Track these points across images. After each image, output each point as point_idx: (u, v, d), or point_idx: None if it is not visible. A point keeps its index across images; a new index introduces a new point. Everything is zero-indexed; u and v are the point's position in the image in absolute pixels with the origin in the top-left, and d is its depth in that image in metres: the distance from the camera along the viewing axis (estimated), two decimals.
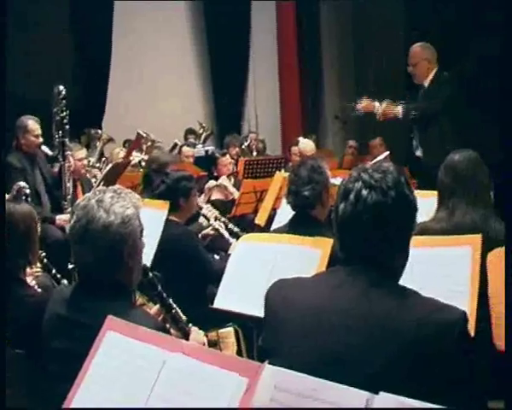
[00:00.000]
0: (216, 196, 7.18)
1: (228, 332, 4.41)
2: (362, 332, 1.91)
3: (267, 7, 12.01)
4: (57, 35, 11.53)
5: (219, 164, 7.46)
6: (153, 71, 11.91)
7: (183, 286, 3.93)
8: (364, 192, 2.01)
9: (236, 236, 5.35)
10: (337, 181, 4.38)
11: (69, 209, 6.15)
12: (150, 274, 2.81)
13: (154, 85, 11.89)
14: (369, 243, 2.02)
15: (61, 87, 6.18)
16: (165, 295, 2.87)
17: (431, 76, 6.46)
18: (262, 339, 2.15)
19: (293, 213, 4.03)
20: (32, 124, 6.39)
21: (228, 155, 7.62)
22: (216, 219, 5.51)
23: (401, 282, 2.08)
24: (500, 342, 2.77)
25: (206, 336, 3.24)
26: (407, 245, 2.10)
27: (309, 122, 12.21)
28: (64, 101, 6.16)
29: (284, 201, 4.88)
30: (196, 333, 2.85)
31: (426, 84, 6.48)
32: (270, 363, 1.73)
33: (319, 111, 12.42)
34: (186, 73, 12.24)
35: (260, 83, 12.20)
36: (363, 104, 6.55)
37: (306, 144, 8.16)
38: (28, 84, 10.87)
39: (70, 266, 5.66)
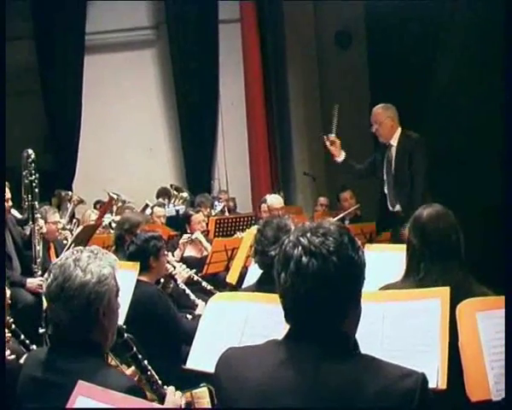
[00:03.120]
0: (189, 252, 7.18)
1: (202, 392, 4.35)
2: None
3: (235, 67, 12.14)
4: (29, 102, 11.66)
5: (192, 221, 7.47)
6: (123, 132, 12.01)
7: (156, 347, 3.92)
8: (304, 260, 1.89)
9: (209, 294, 5.35)
10: None
11: (39, 273, 6.12)
12: (125, 335, 2.80)
13: (124, 146, 11.97)
14: (315, 314, 1.91)
15: (30, 151, 6.19)
16: (140, 356, 2.86)
17: (397, 135, 6.56)
18: None
19: (261, 271, 4.04)
20: None
21: (201, 213, 7.62)
22: (189, 278, 5.53)
23: (372, 336, 2.01)
24: (472, 393, 2.77)
25: (191, 395, 3.22)
26: (356, 306, 2.00)
27: (278, 179, 12.27)
28: (33, 164, 6.16)
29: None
30: (172, 394, 2.83)
31: (394, 143, 6.57)
32: None
33: (288, 167, 12.50)
34: (156, 132, 12.32)
35: (229, 141, 12.28)
36: (332, 146, 6.66)
37: (274, 199, 8.19)
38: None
39: (41, 331, 5.64)
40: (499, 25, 4.72)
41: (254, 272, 4.63)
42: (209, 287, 5.75)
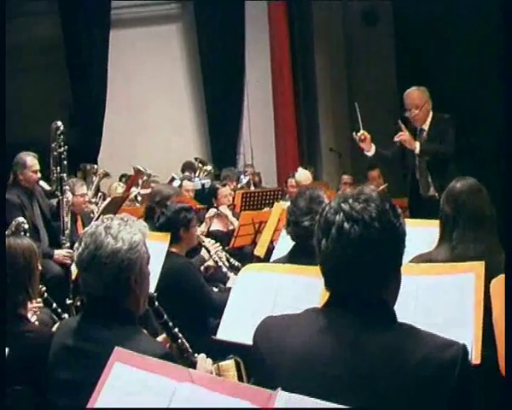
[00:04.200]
0: (216, 226, 7.18)
1: (228, 365, 4.36)
2: (353, 380, 1.80)
3: (261, 43, 12.08)
4: (54, 77, 11.71)
5: (219, 194, 7.47)
6: (148, 107, 12.00)
7: (184, 318, 3.91)
8: (346, 226, 1.86)
9: (236, 269, 5.34)
10: None
11: (67, 244, 6.16)
12: (156, 303, 2.80)
13: (150, 120, 11.97)
14: (356, 281, 1.88)
15: (59, 123, 6.19)
16: (170, 324, 2.86)
17: (429, 119, 6.42)
18: (252, 383, 2.06)
19: (293, 243, 4.01)
20: (31, 160, 6.43)
21: (227, 186, 7.62)
22: (216, 252, 5.50)
23: (405, 310, 1.98)
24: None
25: (218, 367, 3.22)
26: (397, 275, 1.97)
27: (304, 155, 12.23)
28: (62, 136, 6.17)
29: (283, 232, 4.89)
30: (203, 361, 2.83)
31: (425, 127, 6.43)
32: None
33: (314, 143, 12.45)
34: (181, 107, 12.31)
35: (255, 116, 12.25)
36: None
37: (302, 175, 8.16)
38: (27, 123, 11.00)
39: (68, 302, 5.68)
40: None
41: (283, 245, 4.63)
42: (236, 263, 5.72)
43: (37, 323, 3.74)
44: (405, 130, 6.38)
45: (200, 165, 10.34)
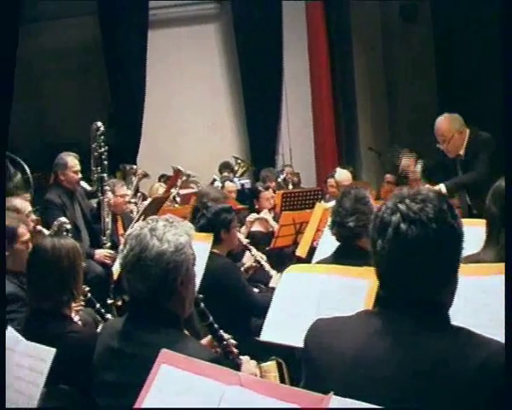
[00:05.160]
0: (256, 227, 7.14)
1: (270, 366, 4.33)
2: (407, 382, 1.78)
3: (299, 42, 12.05)
4: (93, 78, 11.82)
5: (261, 198, 7.44)
6: (187, 106, 12.03)
7: (226, 319, 3.89)
8: (403, 226, 1.84)
9: (277, 269, 5.30)
10: None
11: (108, 244, 6.18)
12: (202, 305, 2.77)
13: (188, 120, 12.00)
14: (413, 282, 1.86)
15: (99, 124, 6.22)
16: (216, 326, 2.83)
17: (465, 143, 6.07)
18: (302, 386, 2.06)
19: (338, 244, 3.97)
20: (72, 160, 6.46)
21: (270, 190, 7.58)
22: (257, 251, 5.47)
23: (455, 310, 1.94)
24: None
25: (260, 368, 3.19)
26: (454, 278, 1.94)
27: (343, 154, 12.16)
28: (102, 137, 6.19)
29: (325, 232, 4.84)
30: (248, 363, 2.80)
31: (461, 152, 6.11)
32: None
33: (353, 143, 12.37)
34: (220, 107, 12.33)
35: (294, 116, 12.21)
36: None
37: (342, 175, 8.10)
38: (67, 124, 11.11)
39: (109, 302, 5.70)
40: None
41: (325, 246, 4.58)
42: (271, 272, 5.54)
43: (80, 323, 3.74)
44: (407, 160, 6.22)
45: (238, 165, 10.34)
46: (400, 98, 12.24)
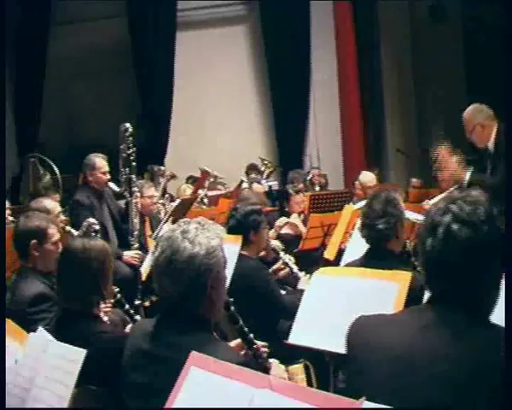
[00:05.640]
0: (285, 229, 7.12)
1: (297, 368, 4.31)
2: (454, 378, 1.79)
3: (327, 43, 12.02)
4: (122, 79, 11.90)
5: (292, 201, 7.43)
6: (214, 108, 12.05)
7: (255, 321, 3.88)
8: (455, 227, 1.88)
9: (305, 271, 5.27)
10: (408, 214, 4.30)
11: (136, 245, 6.19)
12: (232, 308, 2.76)
13: (216, 122, 12.01)
14: (461, 281, 1.90)
15: (128, 125, 6.24)
16: (246, 329, 2.82)
17: (493, 136, 5.96)
18: (344, 381, 2.07)
19: (367, 246, 3.95)
20: (100, 161, 6.48)
21: (301, 194, 7.55)
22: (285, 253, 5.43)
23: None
24: None
25: (287, 370, 3.17)
26: (499, 280, 1.96)
27: (371, 156, 12.11)
28: (131, 138, 6.21)
29: (354, 235, 4.82)
30: (277, 368, 2.78)
31: (490, 146, 5.99)
32: None
33: (381, 144, 12.31)
34: (247, 109, 12.34)
35: (321, 117, 12.18)
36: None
37: (366, 176, 8.08)
38: (95, 125, 11.18)
39: (137, 302, 5.71)
40: None
41: (354, 248, 4.56)
42: (299, 274, 5.50)
43: (108, 323, 3.75)
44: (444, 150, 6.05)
45: (265, 166, 10.33)
46: (429, 100, 12.17)
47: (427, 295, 2.05)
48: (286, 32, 11.78)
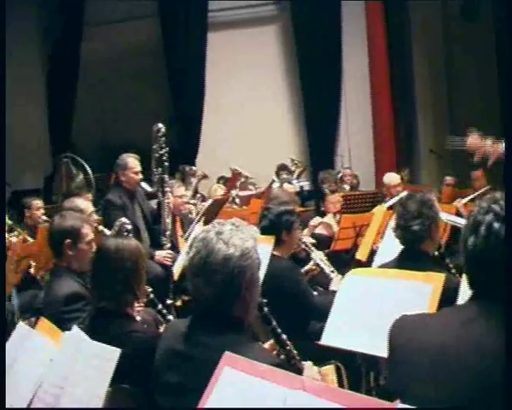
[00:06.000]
0: (318, 229, 7.11)
1: (328, 369, 4.30)
2: (499, 372, 1.79)
3: (358, 43, 11.97)
4: (153, 80, 11.98)
5: (328, 201, 7.40)
6: (245, 108, 12.06)
7: (286, 321, 3.87)
8: (496, 225, 1.91)
9: (336, 272, 5.26)
10: (443, 216, 4.26)
11: (168, 245, 6.21)
12: (265, 309, 2.76)
13: (247, 122, 12.02)
14: (503, 279, 1.88)
15: (160, 125, 6.25)
16: (279, 330, 2.82)
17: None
18: (386, 380, 2.07)
19: (400, 247, 3.92)
20: (132, 161, 6.53)
21: (337, 194, 7.51)
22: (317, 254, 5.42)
23: None
24: None
25: (319, 372, 3.15)
26: None
27: (403, 156, 12.03)
28: (163, 138, 6.23)
29: (386, 235, 4.79)
30: (310, 369, 2.77)
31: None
32: None
33: (413, 144, 12.23)
34: (278, 109, 12.32)
35: (353, 117, 12.13)
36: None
37: (390, 177, 8.04)
38: (128, 125, 11.26)
39: (169, 302, 5.73)
40: None
41: (386, 249, 4.53)
42: (331, 275, 5.48)
43: (141, 323, 3.77)
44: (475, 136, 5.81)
45: (295, 166, 10.33)
46: (461, 100, 12.05)
47: (462, 296, 2.05)
48: (317, 32, 11.75)
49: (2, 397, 1.29)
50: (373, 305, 3.28)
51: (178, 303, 5.93)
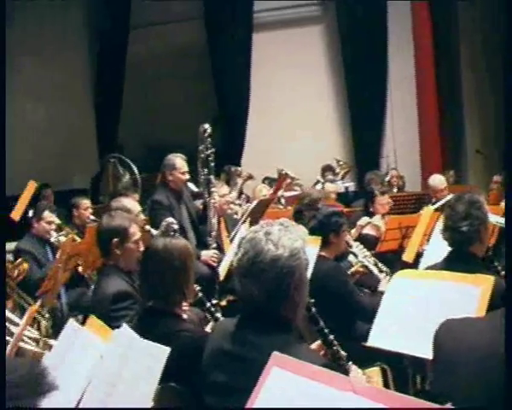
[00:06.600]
0: (366, 229, 7.07)
1: (374, 371, 4.28)
2: None
3: (404, 43, 11.87)
4: (199, 81, 12.04)
5: (377, 202, 7.34)
6: (290, 108, 12.05)
7: (332, 322, 3.86)
8: None
9: (385, 273, 5.23)
10: (492, 218, 4.20)
11: (214, 245, 6.24)
12: (313, 309, 2.76)
13: (292, 122, 12.01)
14: None
15: (206, 126, 6.28)
16: (326, 331, 2.81)
17: None
18: (430, 384, 2.05)
19: (448, 249, 3.88)
20: (180, 162, 6.56)
21: (386, 195, 7.45)
22: (365, 256, 5.40)
23: None
24: None
25: (364, 373, 3.15)
26: None
27: (449, 157, 11.90)
28: (209, 139, 6.26)
29: (433, 237, 4.74)
30: (356, 372, 2.76)
31: None
32: None
33: (459, 145, 12.09)
34: (323, 110, 12.29)
35: (398, 118, 12.04)
36: None
37: (435, 180, 7.96)
38: (173, 126, 11.35)
39: (214, 302, 5.76)
40: None
41: (433, 251, 4.48)
42: (384, 268, 5.48)
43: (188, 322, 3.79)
44: None
45: (340, 164, 10.28)
46: None
47: None
48: (363, 32, 11.70)
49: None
50: (420, 307, 3.25)
51: (223, 303, 5.94)
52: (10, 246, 6.43)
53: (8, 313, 4.51)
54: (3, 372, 1.39)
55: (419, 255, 5.21)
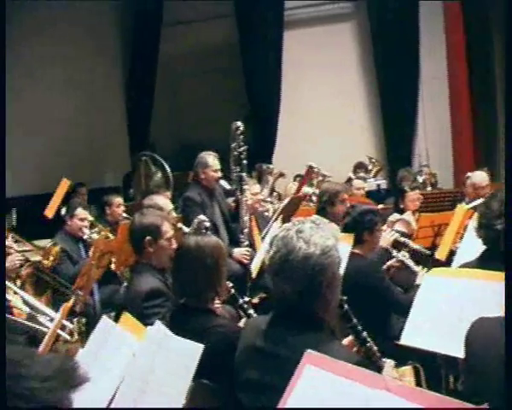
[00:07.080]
0: (398, 227, 7.02)
1: (406, 370, 4.25)
2: None
3: (436, 41, 11.78)
4: (230, 79, 12.07)
5: (406, 198, 7.29)
6: (322, 106, 12.02)
7: (365, 319, 3.84)
8: None
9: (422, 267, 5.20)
10: None
11: (246, 243, 6.25)
12: (345, 306, 2.75)
13: (324, 120, 11.98)
14: None
15: (239, 123, 6.30)
16: (359, 328, 2.81)
17: None
18: (462, 383, 2.04)
19: (482, 247, 3.83)
20: (212, 159, 6.59)
21: (417, 191, 7.39)
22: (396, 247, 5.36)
23: None
24: None
25: (396, 371, 3.13)
26: None
27: (482, 154, 11.78)
28: (241, 136, 6.27)
29: (466, 235, 4.70)
30: (390, 368, 2.75)
31: None
32: None
33: (492, 142, 11.96)
34: (355, 107, 12.24)
35: (431, 115, 11.94)
36: None
37: (479, 177, 7.83)
38: (206, 124, 11.38)
39: (246, 299, 5.76)
40: None
41: (467, 249, 4.44)
42: (416, 269, 5.43)
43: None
44: None
45: (372, 162, 10.23)
46: None
47: None
48: (395, 30, 11.62)
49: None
50: (453, 305, 3.22)
51: (255, 300, 5.95)
52: (44, 243, 6.48)
53: (43, 307, 4.57)
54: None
55: (452, 253, 5.17)
